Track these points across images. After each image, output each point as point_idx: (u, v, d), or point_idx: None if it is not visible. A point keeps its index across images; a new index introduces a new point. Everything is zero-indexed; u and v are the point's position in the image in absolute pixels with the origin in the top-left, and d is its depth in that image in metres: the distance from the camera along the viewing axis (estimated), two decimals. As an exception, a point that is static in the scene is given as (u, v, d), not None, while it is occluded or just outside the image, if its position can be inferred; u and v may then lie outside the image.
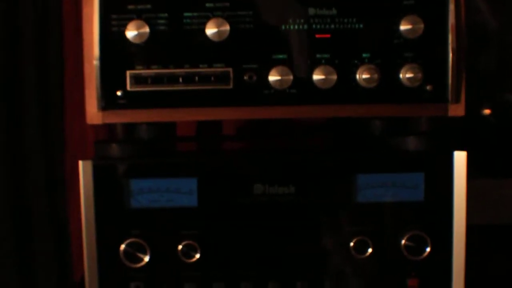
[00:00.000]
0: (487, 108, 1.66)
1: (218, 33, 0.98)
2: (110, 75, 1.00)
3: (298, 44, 0.98)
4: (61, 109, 1.44)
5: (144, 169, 1.02)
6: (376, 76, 0.98)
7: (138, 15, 0.99)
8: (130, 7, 0.99)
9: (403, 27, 0.97)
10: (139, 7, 0.99)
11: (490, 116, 1.65)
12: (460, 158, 1.00)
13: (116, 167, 1.02)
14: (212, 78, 0.98)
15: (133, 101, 1.00)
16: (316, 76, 0.97)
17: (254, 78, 0.97)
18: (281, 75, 0.96)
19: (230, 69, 0.98)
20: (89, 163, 1.01)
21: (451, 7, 1.00)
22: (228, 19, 0.98)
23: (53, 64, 1.43)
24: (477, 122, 1.64)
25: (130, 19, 0.99)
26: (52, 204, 1.44)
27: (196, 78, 0.98)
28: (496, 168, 1.61)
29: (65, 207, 1.42)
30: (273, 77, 0.96)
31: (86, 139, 1.41)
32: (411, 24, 0.98)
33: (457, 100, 1.01)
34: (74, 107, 1.40)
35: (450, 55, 1.00)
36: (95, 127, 1.13)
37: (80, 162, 1.01)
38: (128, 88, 1.00)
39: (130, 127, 1.09)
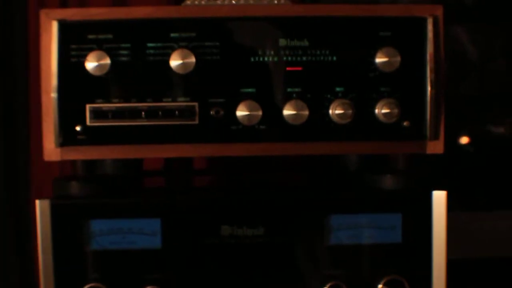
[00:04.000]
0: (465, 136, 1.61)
1: (183, 65, 0.92)
2: (69, 108, 0.94)
3: (268, 77, 0.93)
4: (26, 145, 1.38)
5: (105, 209, 0.96)
6: (350, 111, 0.93)
7: (99, 46, 0.94)
8: (91, 36, 0.94)
9: (378, 59, 0.93)
10: (100, 37, 0.94)
11: (469, 145, 1.61)
12: (439, 197, 0.95)
13: (75, 206, 0.96)
14: (177, 113, 0.93)
15: (93, 136, 0.95)
16: (287, 111, 0.92)
17: (221, 113, 0.92)
18: (249, 110, 0.92)
19: (196, 104, 0.93)
20: (46, 203, 0.95)
21: (429, 39, 0.95)
22: (194, 50, 0.93)
23: (19, 98, 1.37)
24: (455, 153, 1.59)
25: (90, 50, 0.93)
26: (19, 248, 1.38)
27: (160, 112, 0.93)
28: (475, 201, 1.56)
29: (32, 250, 1.36)
30: (241, 112, 0.92)
31: (52, 175, 1.34)
32: (387, 56, 0.93)
33: (435, 137, 0.96)
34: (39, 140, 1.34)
35: (429, 89, 0.95)
36: (60, 162, 1.06)
37: (37, 202, 0.95)
38: (88, 123, 0.94)
39: (94, 162, 1.03)
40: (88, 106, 0.93)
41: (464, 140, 1.58)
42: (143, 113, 0.93)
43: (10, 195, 1.36)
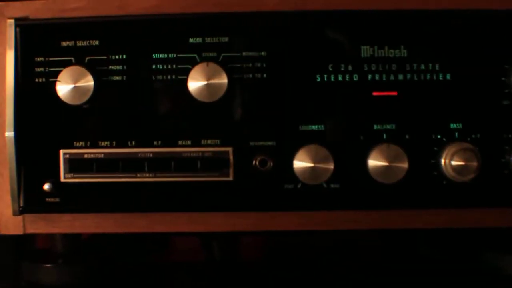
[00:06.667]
0: None
1: (208, 88, 0.62)
2: (33, 156, 0.64)
3: (343, 108, 0.63)
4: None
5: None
6: (475, 163, 0.62)
7: (78, 58, 0.63)
8: (65, 43, 0.63)
9: (518, 78, 0.62)
10: (80, 44, 0.63)
11: None
12: None
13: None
14: (199, 164, 0.63)
15: (69, 199, 0.65)
16: (374, 162, 0.63)
17: (270, 164, 0.63)
18: (314, 160, 0.62)
19: (230, 149, 0.63)
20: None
21: None
22: (226, 64, 0.62)
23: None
24: None
25: (65, 64, 0.62)
26: None
27: (172, 163, 0.63)
28: None
29: None
30: (301, 163, 0.62)
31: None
32: (533, 72, 0.62)
33: None
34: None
35: None
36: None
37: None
38: (62, 178, 0.64)
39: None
40: (62, 153, 0.64)
41: None
42: (146, 163, 0.63)
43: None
